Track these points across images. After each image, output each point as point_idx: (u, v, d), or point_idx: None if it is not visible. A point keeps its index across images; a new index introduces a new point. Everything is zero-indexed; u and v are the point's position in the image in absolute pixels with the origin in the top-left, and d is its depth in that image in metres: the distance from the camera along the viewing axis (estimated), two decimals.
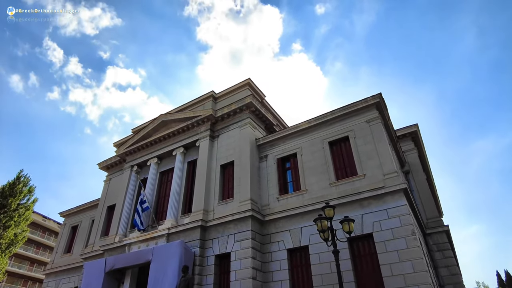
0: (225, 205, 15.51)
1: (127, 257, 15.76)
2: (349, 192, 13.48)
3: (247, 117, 17.44)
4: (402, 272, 11.10)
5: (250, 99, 17.30)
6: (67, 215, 25.46)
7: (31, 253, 48.22)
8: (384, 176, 13.10)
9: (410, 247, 11.39)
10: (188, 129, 19.12)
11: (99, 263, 16.54)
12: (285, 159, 16.46)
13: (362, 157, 14.08)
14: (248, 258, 13.28)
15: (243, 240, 13.85)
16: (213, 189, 16.38)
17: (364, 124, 14.81)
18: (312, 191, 14.46)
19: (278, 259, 13.73)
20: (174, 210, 16.90)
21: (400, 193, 12.50)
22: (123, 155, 21.54)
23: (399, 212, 12.19)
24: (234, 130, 17.60)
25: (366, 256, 12.35)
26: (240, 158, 16.29)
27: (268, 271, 13.66)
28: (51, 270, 22.91)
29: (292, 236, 13.89)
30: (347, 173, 14.32)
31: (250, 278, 12.80)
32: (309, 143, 15.79)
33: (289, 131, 16.49)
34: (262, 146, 17.21)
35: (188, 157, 18.90)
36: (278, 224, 14.53)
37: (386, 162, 13.39)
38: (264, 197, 15.62)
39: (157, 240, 16.15)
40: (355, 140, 14.65)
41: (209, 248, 14.72)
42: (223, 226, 14.80)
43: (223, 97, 19.89)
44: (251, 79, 19.15)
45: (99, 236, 20.22)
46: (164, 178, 19.67)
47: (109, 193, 21.82)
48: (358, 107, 15.10)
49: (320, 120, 15.76)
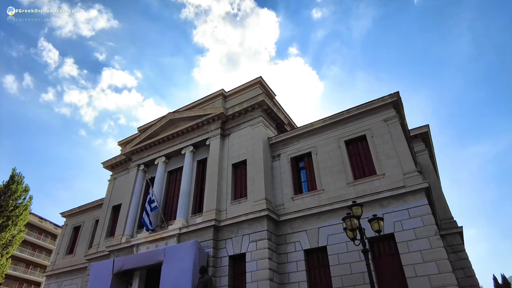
0: (238, 205, 15.14)
1: (137, 257, 15.28)
2: (368, 191, 13.22)
3: (259, 116, 17.14)
4: (427, 273, 10.83)
5: (263, 97, 17.01)
6: (69, 216, 24.84)
7: (27, 255, 47.14)
8: (404, 175, 12.86)
9: (434, 247, 11.13)
10: (198, 127, 18.75)
11: (107, 264, 16.03)
12: (299, 158, 16.17)
13: (380, 156, 13.85)
14: (265, 259, 12.92)
15: (259, 241, 13.49)
16: (225, 188, 16.01)
17: (382, 123, 14.59)
18: (329, 190, 14.16)
19: (295, 260, 13.39)
20: (184, 210, 16.48)
21: (422, 193, 12.28)
22: (129, 154, 21.06)
23: (421, 212, 11.95)
24: (246, 129, 17.27)
25: (387, 256, 12.07)
26: (253, 157, 15.96)
27: (285, 273, 13.31)
28: (52, 272, 22.27)
29: (309, 236, 13.56)
30: (365, 173, 14.07)
31: (267, 280, 12.43)
32: (324, 142, 15.52)
33: (303, 130, 16.21)
34: (274, 145, 16.91)
35: (197, 156, 18.51)
36: (293, 225, 14.20)
37: (405, 161, 13.16)
38: (278, 197, 15.29)
39: (167, 241, 15.71)
40: (372, 139, 14.41)
41: (222, 249, 14.33)
42: (237, 226, 14.43)
43: (233, 95, 19.59)
44: (262, 77, 18.88)
45: (104, 237, 19.69)
46: (172, 177, 19.25)
47: (114, 192, 21.31)
48: (375, 105, 14.89)
49: (335, 119, 15.51)
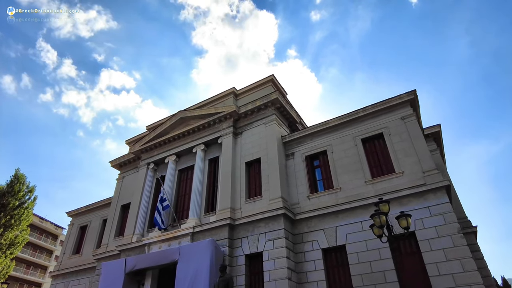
0: (253, 203, 14.96)
1: (150, 257, 15.06)
2: (387, 190, 13.09)
3: (273, 114, 17.00)
4: (450, 271, 10.70)
5: (276, 95, 16.88)
6: (75, 215, 24.54)
7: (28, 256, 46.63)
8: (424, 173, 12.75)
9: (457, 245, 11.01)
10: (209, 126, 18.57)
11: (118, 263, 15.79)
12: (314, 156, 16.03)
13: (398, 155, 13.73)
14: (283, 257, 12.74)
15: (276, 239, 13.32)
16: (238, 186, 15.83)
17: (399, 121, 14.49)
18: (347, 189, 14.02)
19: (313, 259, 13.22)
20: (196, 209, 16.28)
21: (443, 191, 12.17)
22: (138, 152, 20.84)
23: (442, 209, 11.83)
24: (259, 127, 17.12)
25: (408, 255, 11.92)
26: (267, 155, 15.80)
27: (302, 272, 13.13)
28: (58, 272, 21.96)
29: (326, 235, 13.41)
30: (383, 171, 13.95)
31: (286, 279, 12.25)
32: (340, 140, 15.39)
33: (318, 128, 16.08)
34: (288, 144, 16.76)
35: (208, 155, 18.33)
36: (310, 223, 14.04)
37: (425, 159, 13.06)
38: (293, 196, 15.13)
39: (180, 240, 15.50)
40: (390, 137, 14.30)
41: (238, 248, 14.14)
42: (253, 224, 14.25)
43: (244, 94, 19.45)
44: (274, 75, 18.76)
45: (113, 236, 19.43)
46: (183, 176, 19.04)
47: (122, 191, 21.07)
48: (392, 103, 14.79)
49: (351, 117, 15.40)
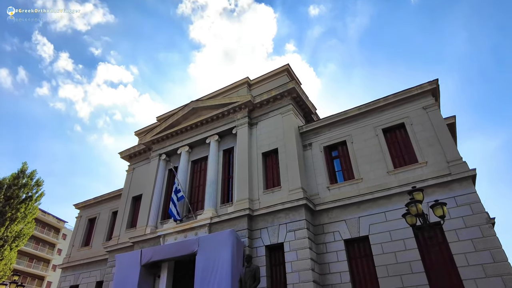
0: (272, 194, 14.73)
1: (167, 248, 14.83)
2: (410, 180, 12.89)
3: (289, 104, 16.70)
4: (480, 262, 10.55)
5: (293, 85, 16.56)
6: (83, 207, 24.25)
7: (31, 249, 46.37)
8: (449, 163, 12.56)
9: (486, 236, 10.85)
10: (223, 116, 18.25)
11: (133, 255, 15.56)
12: (332, 147, 15.79)
13: (421, 144, 13.52)
14: (306, 248, 12.56)
15: (297, 230, 13.12)
16: (256, 177, 15.58)
17: (421, 110, 14.26)
18: (368, 179, 13.81)
19: (335, 250, 13.05)
20: (212, 200, 16.03)
21: (469, 180, 11.99)
22: (149, 143, 20.50)
23: (469, 199, 11.66)
24: (275, 117, 16.82)
25: (434, 245, 11.76)
26: (285, 146, 15.54)
27: (324, 263, 12.97)
28: (68, 264, 21.72)
29: (348, 226, 13.22)
30: (405, 161, 13.74)
31: (309, 270, 12.08)
32: (360, 131, 15.15)
33: (336, 118, 15.82)
34: (304, 134, 16.49)
35: (222, 145, 18.03)
36: (331, 214, 13.85)
37: (449, 149, 12.86)
38: (312, 187, 14.91)
39: (197, 231, 15.28)
40: (412, 127, 14.08)
41: (257, 239, 13.94)
42: (272, 215, 14.03)
43: (259, 83, 19.13)
44: (289, 65, 18.42)
45: (125, 228, 19.19)
46: (196, 167, 18.76)
47: (133, 183, 20.78)
48: (413, 93, 14.54)
49: (371, 107, 15.14)
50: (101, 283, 19.70)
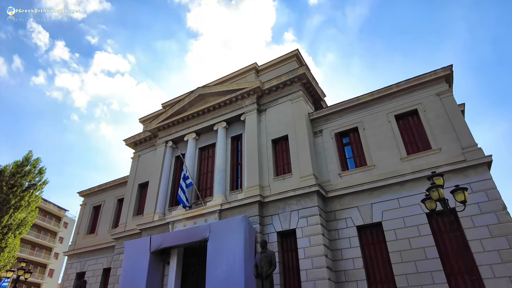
0: (283, 181, 14.61)
1: (177, 235, 14.75)
2: (424, 166, 12.79)
3: (299, 90, 16.44)
4: (496, 248, 10.53)
5: (304, 70, 16.27)
6: (87, 195, 24.09)
7: (33, 237, 46.40)
8: (463, 149, 12.44)
9: (502, 222, 10.81)
10: (231, 102, 17.97)
11: (142, 242, 15.49)
12: (343, 134, 15.62)
13: (435, 131, 13.37)
14: (318, 235, 12.50)
15: (310, 216, 13.04)
16: (266, 164, 15.43)
17: (434, 97, 14.07)
18: (381, 166, 13.70)
19: (347, 236, 13.01)
20: (221, 186, 15.90)
21: (484, 167, 11.89)
22: (155, 130, 20.23)
23: (484, 186, 11.58)
24: (285, 104, 16.57)
25: (449, 232, 11.73)
26: (296, 133, 15.34)
27: (337, 249, 12.94)
28: (74, 252, 21.68)
29: (361, 212, 13.16)
30: (418, 148, 13.61)
31: (323, 256, 12.05)
32: (372, 117, 14.96)
33: (347, 104, 15.60)
34: (315, 121, 16.29)
35: (230, 132, 17.82)
36: (343, 201, 13.77)
37: (464, 135, 12.72)
38: (323, 173, 14.79)
39: (206, 217, 15.19)
40: (425, 113, 13.91)
41: (269, 225, 13.87)
42: (284, 202, 13.94)
43: (267, 69, 18.82)
44: (299, 50, 18.08)
45: (132, 215, 19.08)
46: (204, 154, 18.57)
47: (139, 170, 20.59)
48: (426, 79, 14.33)
49: (384, 93, 14.92)
50: (108, 270, 19.71)
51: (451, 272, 11.04)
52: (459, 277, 10.94)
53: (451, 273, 11.04)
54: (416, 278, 11.17)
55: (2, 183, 26.68)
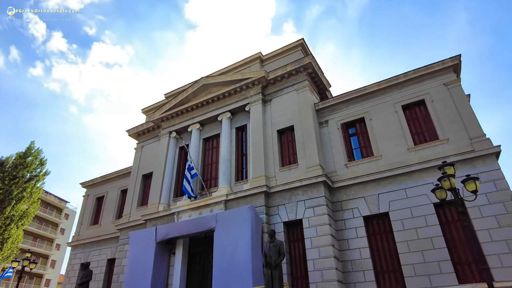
0: (289, 171, 14.55)
1: (182, 225, 14.73)
2: (431, 157, 12.74)
3: (305, 80, 16.27)
4: (504, 238, 10.54)
5: (310, 59, 16.07)
6: (90, 186, 24.03)
7: (34, 228, 46.51)
8: (472, 140, 12.37)
9: (510, 212, 10.82)
10: (235, 92, 17.80)
11: (148, 232, 15.48)
12: (349, 124, 15.52)
13: (442, 121, 13.28)
14: (325, 225, 12.50)
15: (316, 207, 13.03)
16: (271, 154, 15.35)
17: (442, 87, 13.93)
18: (388, 156, 13.63)
19: (353, 226, 13.01)
20: (226, 177, 15.84)
21: (493, 157, 11.85)
22: (158, 121, 20.08)
23: (492, 176, 11.55)
24: (290, 94, 16.42)
25: (456, 222, 11.76)
26: (301, 123, 15.23)
27: (343, 239, 12.96)
28: (77, 242, 21.71)
29: (368, 203, 13.14)
30: (425, 138, 13.54)
31: (330, 245, 12.07)
32: (379, 107, 14.85)
33: (354, 94, 15.46)
34: (320, 111, 16.17)
35: (235, 122, 17.69)
36: (349, 191, 13.74)
37: (472, 126, 12.64)
38: (329, 164, 14.73)
39: (212, 208, 15.17)
40: (432, 103, 13.79)
41: (275, 215, 13.86)
42: (290, 192, 13.91)
43: (271, 59, 18.61)
44: (304, 39, 17.84)
45: (136, 206, 19.05)
46: (208, 144, 18.47)
47: (142, 161, 20.49)
48: (434, 69, 14.17)
49: (391, 83, 14.78)
50: (112, 260, 19.77)
51: (458, 262, 11.08)
52: (466, 267, 10.99)
53: (458, 262, 11.08)
54: (424, 268, 11.21)
55: (5, 174, 26.59)
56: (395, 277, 11.82)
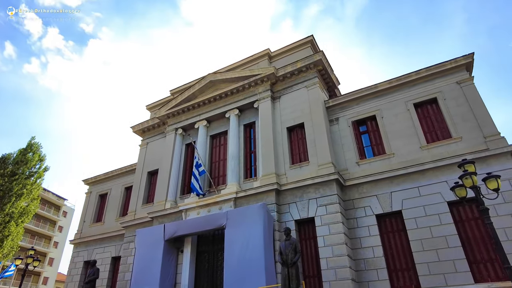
0: (299, 169, 14.41)
1: (192, 223, 14.54)
2: (444, 155, 12.67)
3: (315, 76, 16.13)
4: None
5: (320, 56, 15.93)
6: (93, 183, 23.74)
7: (32, 225, 45.99)
8: (486, 138, 12.31)
9: None
10: (243, 89, 17.61)
11: (156, 230, 15.28)
12: (360, 122, 15.41)
13: (455, 120, 13.22)
14: (338, 223, 12.39)
15: (329, 205, 12.91)
16: (281, 152, 15.20)
17: (454, 85, 13.86)
18: (400, 155, 13.54)
19: (366, 225, 12.91)
20: (235, 174, 15.67)
21: (507, 156, 11.80)
22: (164, 117, 19.84)
23: (508, 175, 11.49)
24: (300, 91, 16.27)
25: (470, 220, 11.70)
26: (312, 120, 15.09)
27: (355, 237, 12.85)
28: (80, 240, 21.44)
29: (380, 201, 13.05)
30: (438, 136, 13.47)
31: (343, 244, 11.96)
32: (390, 105, 14.75)
33: (365, 92, 15.35)
34: (330, 108, 16.04)
35: (243, 120, 17.51)
36: (361, 189, 13.63)
37: (486, 124, 12.58)
38: (340, 162, 14.61)
39: (221, 205, 14.99)
40: (445, 102, 13.72)
41: (286, 213, 13.73)
42: (301, 190, 13.77)
43: (280, 56, 18.43)
44: (313, 36, 17.69)
45: (141, 203, 18.82)
46: (215, 141, 18.28)
47: (147, 158, 20.24)
48: (447, 67, 14.10)
49: (402, 81, 14.69)
50: (116, 258, 19.55)
51: (474, 261, 11.02)
52: (481, 266, 10.93)
53: (474, 261, 11.02)
54: (438, 267, 11.14)
55: (6, 171, 26.19)
56: (409, 275, 11.74)
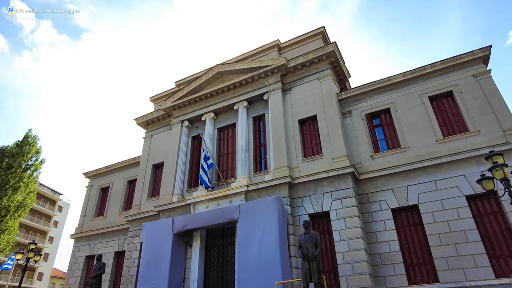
0: (312, 162, 14.12)
1: (202, 216, 14.17)
2: (462, 149, 12.47)
3: (327, 68, 15.81)
4: None
5: (333, 47, 15.59)
6: (94, 176, 23.18)
7: (27, 220, 45.12)
8: (505, 132, 12.13)
9: None
10: (252, 81, 17.22)
11: (164, 224, 14.88)
12: (374, 115, 15.15)
13: (472, 113, 13.02)
14: (355, 217, 12.14)
15: (344, 199, 12.65)
16: (293, 145, 14.89)
17: (471, 78, 13.66)
18: (416, 148, 13.32)
19: (382, 219, 12.68)
20: (245, 168, 15.32)
21: None
22: (170, 109, 19.36)
23: None
24: (312, 83, 15.94)
25: (489, 215, 11.53)
26: (325, 113, 14.79)
27: (371, 232, 12.62)
28: (81, 234, 20.93)
29: (396, 195, 12.82)
30: (454, 130, 13.26)
31: (360, 238, 11.72)
32: (404, 98, 14.51)
33: (378, 84, 15.08)
34: (343, 101, 15.74)
35: (252, 112, 17.14)
36: (376, 183, 13.40)
37: (504, 117, 12.40)
38: (354, 155, 14.35)
39: (231, 199, 14.65)
40: (461, 95, 13.51)
41: (299, 207, 13.44)
42: (315, 183, 13.49)
43: (290, 47, 18.06)
44: (325, 27, 17.33)
45: (146, 197, 18.38)
46: (223, 134, 17.88)
47: (152, 151, 19.77)
48: (463, 60, 13.87)
49: (417, 73, 14.44)
50: (119, 253, 19.12)
51: (494, 256, 10.86)
52: (501, 260, 10.78)
53: (494, 256, 10.86)
54: (457, 261, 10.96)
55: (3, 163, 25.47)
56: (427, 270, 11.56)
